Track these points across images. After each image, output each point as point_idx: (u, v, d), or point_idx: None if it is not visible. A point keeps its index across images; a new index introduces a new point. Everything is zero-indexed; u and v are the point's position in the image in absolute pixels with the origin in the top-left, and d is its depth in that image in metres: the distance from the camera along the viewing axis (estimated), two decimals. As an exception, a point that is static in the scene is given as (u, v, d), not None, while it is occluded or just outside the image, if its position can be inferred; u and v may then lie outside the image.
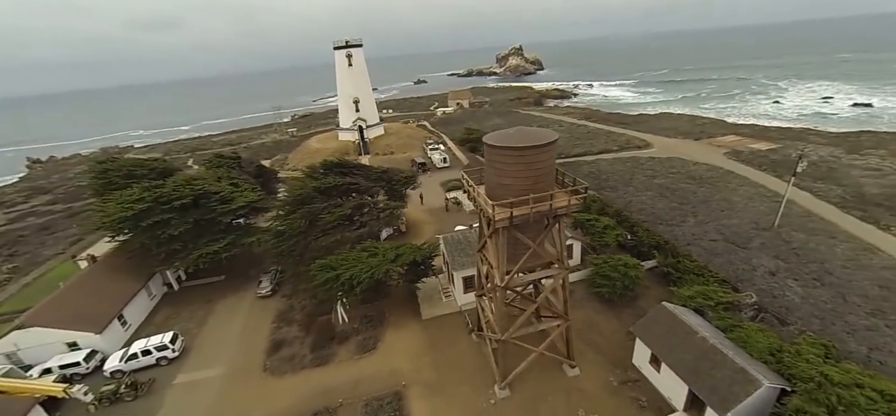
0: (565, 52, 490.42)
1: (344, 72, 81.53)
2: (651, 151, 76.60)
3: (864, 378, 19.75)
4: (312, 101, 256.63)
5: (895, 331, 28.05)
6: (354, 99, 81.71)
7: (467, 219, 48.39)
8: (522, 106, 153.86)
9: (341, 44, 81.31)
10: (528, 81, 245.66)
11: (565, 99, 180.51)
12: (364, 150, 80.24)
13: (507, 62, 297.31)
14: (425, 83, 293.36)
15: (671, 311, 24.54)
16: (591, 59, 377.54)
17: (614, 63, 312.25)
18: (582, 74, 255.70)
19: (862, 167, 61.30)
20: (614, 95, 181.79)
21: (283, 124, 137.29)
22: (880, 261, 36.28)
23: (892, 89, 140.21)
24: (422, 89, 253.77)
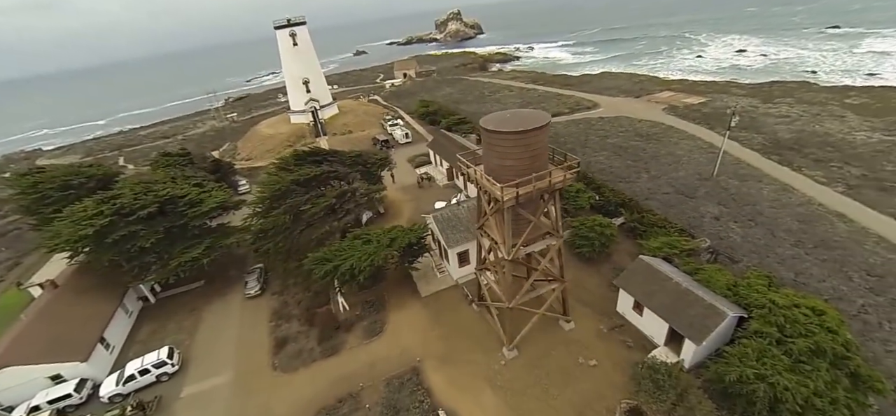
0: (502, 15, 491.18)
1: (289, 52, 76.97)
2: (599, 111, 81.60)
3: (798, 299, 24.52)
4: (245, 81, 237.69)
5: (812, 257, 34.29)
6: (304, 80, 77.87)
7: (442, 194, 49.71)
8: (468, 72, 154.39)
9: (282, 23, 76.18)
10: (469, 46, 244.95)
11: (508, 62, 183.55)
12: (321, 131, 77.53)
13: (447, 28, 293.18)
14: (365, 54, 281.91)
15: (648, 262, 28.17)
16: (527, 20, 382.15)
17: (550, 24, 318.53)
18: (521, 37, 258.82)
19: (776, 115, 70.30)
20: (555, 56, 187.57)
21: (220, 110, 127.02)
22: (796, 199, 43.20)
23: (793, 40, 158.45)
24: (363, 61, 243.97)
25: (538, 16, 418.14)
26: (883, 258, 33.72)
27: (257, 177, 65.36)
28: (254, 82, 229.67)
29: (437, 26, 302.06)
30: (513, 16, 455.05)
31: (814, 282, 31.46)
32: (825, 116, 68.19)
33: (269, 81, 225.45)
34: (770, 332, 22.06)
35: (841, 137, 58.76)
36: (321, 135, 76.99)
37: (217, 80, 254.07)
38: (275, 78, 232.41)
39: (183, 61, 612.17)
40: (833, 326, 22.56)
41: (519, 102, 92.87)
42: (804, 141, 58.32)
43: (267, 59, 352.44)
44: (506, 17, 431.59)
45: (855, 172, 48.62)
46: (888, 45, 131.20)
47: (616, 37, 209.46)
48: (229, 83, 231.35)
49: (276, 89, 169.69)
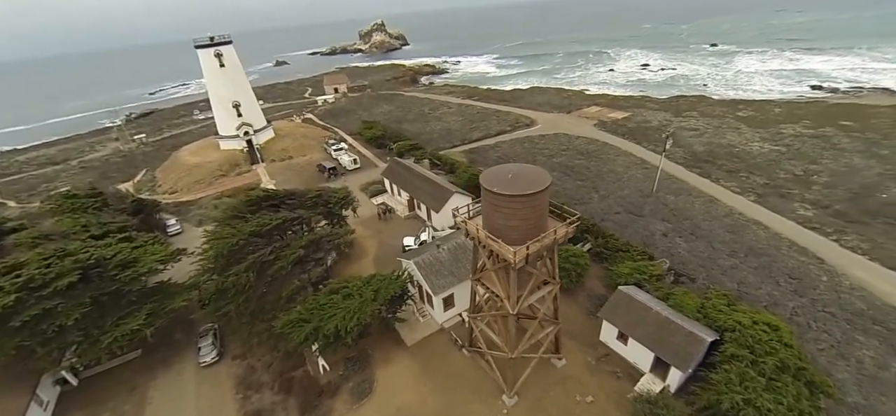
0: (425, 26, 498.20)
1: (215, 74, 69.65)
2: (538, 128, 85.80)
3: (755, 315, 27.76)
4: (149, 94, 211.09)
5: (746, 265, 39.14)
6: (234, 103, 70.98)
7: (406, 227, 48.36)
8: (402, 86, 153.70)
9: (204, 41, 68.72)
10: (395, 58, 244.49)
11: (437, 75, 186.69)
12: (257, 158, 71.29)
13: (372, 39, 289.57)
14: (287, 65, 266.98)
15: (627, 293, 29.90)
16: (451, 32, 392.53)
17: (473, 37, 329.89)
18: (446, 49, 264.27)
19: (688, 129, 79.69)
20: (482, 70, 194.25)
21: (123, 129, 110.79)
22: (722, 210, 49.18)
23: (683, 56, 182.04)
24: (285, 72, 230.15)
25: (461, 28, 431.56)
26: (797, 261, 39.64)
27: (189, 213, 58.16)
28: (160, 95, 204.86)
29: (362, 37, 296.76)
30: (436, 28, 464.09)
31: (752, 290, 35.87)
32: (725, 128, 78.86)
33: (179, 93, 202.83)
34: (744, 354, 24.54)
35: (742, 148, 68.32)
36: (258, 162, 70.80)
37: (111, 92, 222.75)
38: (186, 89, 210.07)
39: (63, 68, 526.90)
40: (788, 340, 25.88)
41: (460, 119, 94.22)
42: (715, 153, 66.77)
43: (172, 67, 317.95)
44: (429, 29, 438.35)
45: (759, 182, 56.80)
46: (754, 62, 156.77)
47: (537, 52, 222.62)
48: (128, 96, 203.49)
49: (190, 104, 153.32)
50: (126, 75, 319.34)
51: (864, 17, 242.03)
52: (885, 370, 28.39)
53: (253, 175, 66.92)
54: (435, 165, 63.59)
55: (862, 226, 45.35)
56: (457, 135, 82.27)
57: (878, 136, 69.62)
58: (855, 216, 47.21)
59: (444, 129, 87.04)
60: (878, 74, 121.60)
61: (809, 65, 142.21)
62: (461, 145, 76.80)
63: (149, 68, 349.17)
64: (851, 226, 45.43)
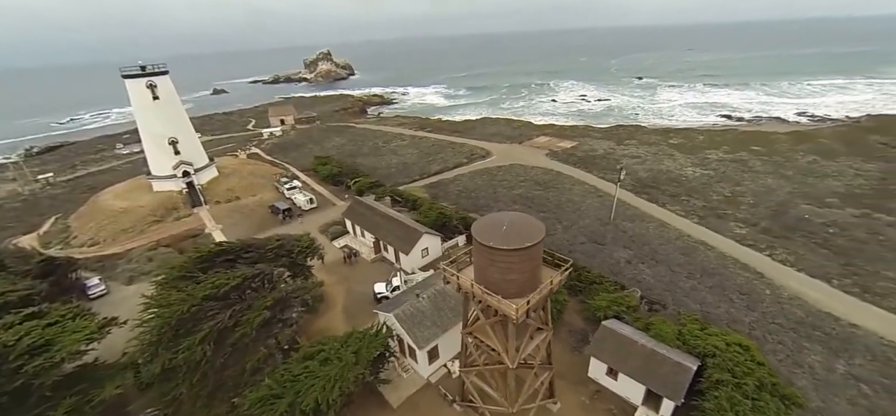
0: (371, 56, 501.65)
1: (147, 107, 63.21)
2: (494, 159, 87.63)
3: (725, 336, 29.27)
4: (58, 123, 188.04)
5: (703, 285, 41.78)
6: (171, 140, 64.71)
7: (375, 271, 46.05)
8: (351, 117, 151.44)
9: (134, 71, 62.52)
10: (342, 88, 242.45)
11: (386, 105, 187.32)
12: (200, 200, 65.01)
13: (318, 68, 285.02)
14: (226, 93, 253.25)
15: (611, 328, 30.30)
16: (397, 63, 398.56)
17: (420, 68, 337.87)
18: (394, 79, 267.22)
19: (630, 156, 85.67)
20: (431, 100, 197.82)
21: (22, 166, 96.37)
22: (673, 233, 52.67)
23: (615, 87, 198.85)
24: (225, 101, 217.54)
25: (406, 59, 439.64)
26: (743, 277, 43.12)
27: (116, 270, 50.85)
28: (72, 126, 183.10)
29: (307, 66, 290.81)
30: (382, 58, 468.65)
31: (713, 309, 38.20)
32: (662, 155, 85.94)
33: (96, 124, 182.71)
34: (727, 378, 25.55)
35: (678, 173, 74.57)
36: (200, 204, 64.54)
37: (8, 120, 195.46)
38: (105, 120, 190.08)
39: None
40: (759, 358, 27.48)
41: (416, 152, 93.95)
42: (658, 179, 72.12)
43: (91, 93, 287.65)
44: (376, 60, 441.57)
45: (698, 204, 61.96)
46: (674, 94, 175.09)
47: (483, 83, 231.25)
48: (28, 127, 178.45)
49: (111, 136, 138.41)
50: (33, 100, 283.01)
51: (756, 58, 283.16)
52: (832, 373, 31.10)
53: (194, 220, 60.67)
54: (396, 202, 62.09)
55: (786, 240, 50.71)
56: (415, 169, 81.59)
57: (782, 159, 79.59)
58: (779, 232, 52.75)
59: (401, 162, 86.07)
60: (770, 106, 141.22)
61: (717, 97, 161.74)
62: (420, 179, 76.12)
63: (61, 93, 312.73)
64: (778, 241, 50.63)
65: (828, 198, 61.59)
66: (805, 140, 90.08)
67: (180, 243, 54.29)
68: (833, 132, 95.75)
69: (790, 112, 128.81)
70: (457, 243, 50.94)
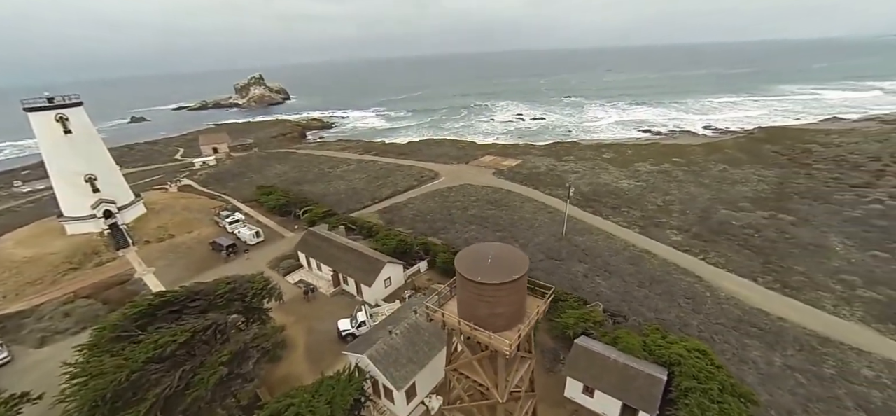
0: (306, 80, 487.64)
1: (58, 143, 54.98)
2: (443, 181, 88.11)
3: (685, 343, 31.39)
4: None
5: (654, 293, 44.77)
6: (88, 177, 56.73)
7: (335, 306, 43.43)
8: (291, 143, 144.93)
9: (40, 103, 54.39)
10: (278, 113, 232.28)
11: (326, 130, 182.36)
12: (126, 241, 57.35)
13: (250, 92, 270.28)
14: (147, 121, 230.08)
15: (584, 346, 31.14)
16: (333, 87, 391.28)
17: (357, 91, 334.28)
18: (332, 103, 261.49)
19: (571, 171, 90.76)
20: (372, 123, 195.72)
21: None
22: (620, 244, 56.17)
23: (546, 106, 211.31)
24: (145, 130, 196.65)
25: (343, 82, 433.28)
26: (686, 282, 46.94)
27: (22, 331, 42.99)
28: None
29: (238, 91, 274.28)
30: (318, 82, 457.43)
31: (665, 315, 40.97)
32: (598, 169, 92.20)
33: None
34: (694, 385, 27.23)
35: (615, 186, 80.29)
36: (127, 246, 56.90)
37: None
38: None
39: None
40: (717, 362, 29.73)
41: (364, 176, 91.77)
42: (599, 192, 77.00)
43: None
44: (311, 83, 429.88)
45: (637, 214, 66.95)
46: (600, 112, 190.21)
47: (422, 105, 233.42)
48: None
49: (4, 173, 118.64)
50: None
51: (664, 78, 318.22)
52: (772, 366, 34.55)
53: (120, 265, 53.23)
54: (350, 230, 59.70)
55: (714, 244, 56.36)
56: (365, 194, 79.40)
57: (699, 168, 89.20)
58: (708, 236, 58.53)
59: (350, 188, 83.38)
60: (682, 120, 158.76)
61: (636, 114, 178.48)
62: (372, 205, 74.15)
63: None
64: (708, 244, 56.09)
65: (740, 202, 69.79)
66: (715, 151, 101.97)
67: (104, 292, 47.26)
68: (735, 143, 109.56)
69: (698, 126, 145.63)
70: (418, 269, 49.92)
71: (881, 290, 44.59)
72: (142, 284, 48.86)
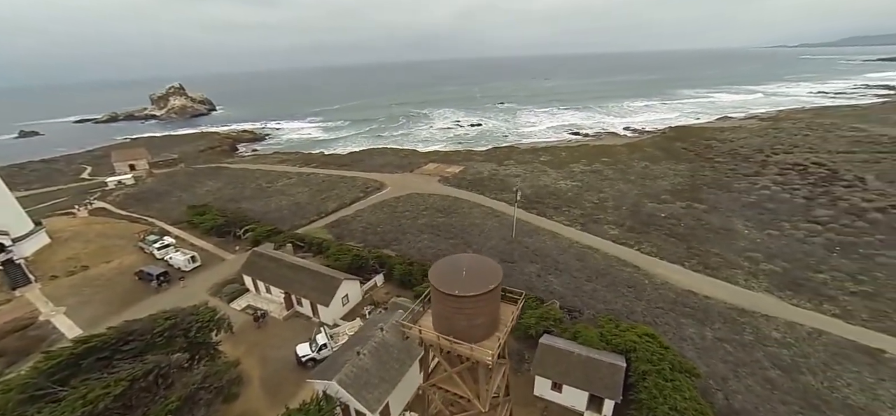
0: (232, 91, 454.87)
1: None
2: (390, 191, 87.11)
3: (636, 330, 34.21)
4: None
5: (600, 285, 48.10)
6: (-35, 209, 47.76)
7: (291, 330, 40.86)
8: (221, 157, 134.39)
9: None
10: (203, 125, 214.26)
11: (259, 142, 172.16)
12: (20, 280, 48.96)
13: (169, 103, 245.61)
14: (40, 136, 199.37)
15: (549, 344, 32.58)
16: (262, 97, 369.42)
17: (289, 100, 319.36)
18: (263, 113, 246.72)
19: (512, 175, 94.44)
20: (309, 134, 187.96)
21: None
22: (565, 243, 59.59)
23: (481, 113, 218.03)
24: (40, 146, 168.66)
25: (272, 93, 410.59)
26: (627, 273, 51.11)
27: None
28: None
29: (155, 101, 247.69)
30: (245, 92, 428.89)
31: (613, 305, 44.22)
32: (538, 172, 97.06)
33: None
34: (649, 368, 29.75)
35: (555, 187, 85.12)
36: (26, 283, 48.56)
37: None
38: None
39: None
40: (664, 343, 32.75)
41: (307, 190, 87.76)
42: (540, 194, 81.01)
43: None
44: (238, 94, 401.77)
45: (577, 213, 71.52)
46: (532, 117, 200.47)
47: (360, 116, 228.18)
48: None
49: None
50: None
51: (587, 84, 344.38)
52: (705, 340, 38.82)
53: (19, 307, 45.17)
54: (299, 247, 56.72)
55: (646, 235, 62.04)
56: (310, 208, 75.90)
57: (625, 167, 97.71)
58: (640, 229, 64.27)
59: (293, 203, 79.20)
60: (605, 123, 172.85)
61: (566, 118, 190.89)
62: (318, 219, 71.11)
63: None
64: (641, 236, 61.60)
65: (662, 195, 77.60)
66: (636, 150, 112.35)
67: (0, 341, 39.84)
68: (652, 142, 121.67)
69: (620, 127, 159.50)
70: (375, 283, 48.79)
71: (777, 263, 52.21)
72: (50, 328, 42.07)
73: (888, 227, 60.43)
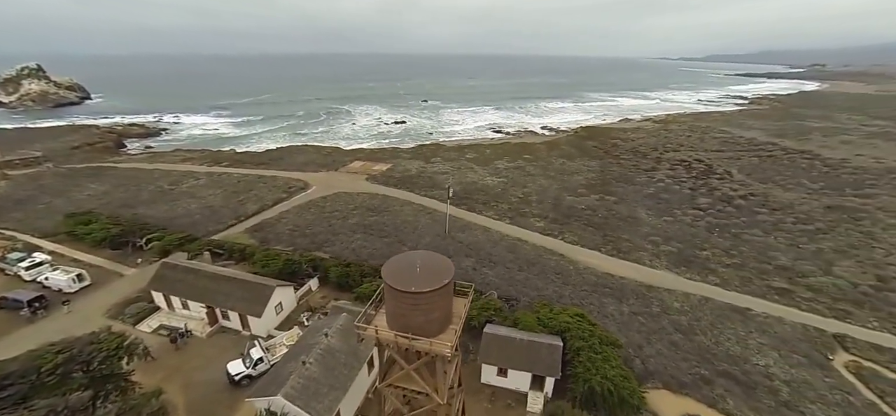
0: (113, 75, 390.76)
1: None
2: (315, 190, 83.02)
3: (567, 311, 37.41)
4: None
5: (532, 274, 51.40)
6: None
7: (217, 347, 36.95)
8: (104, 154, 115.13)
9: None
10: (74, 115, 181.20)
11: (154, 137, 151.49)
12: None
13: (21, 88, 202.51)
14: None
15: (492, 333, 34.06)
16: (154, 85, 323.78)
17: (191, 90, 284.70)
18: (156, 105, 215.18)
19: (440, 172, 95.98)
20: (217, 130, 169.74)
21: None
22: (496, 236, 62.43)
23: (405, 110, 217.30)
24: None
25: (170, 81, 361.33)
26: (554, 261, 55.34)
27: None
28: None
29: (2, 85, 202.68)
30: (130, 79, 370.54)
31: (544, 291, 47.58)
32: (465, 169, 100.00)
33: None
34: (582, 344, 32.72)
35: (482, 183, 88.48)
36: None
37: None
38: None
39: None
40: (592, 320, 36.28)
41: (220, 192, 79.71)
42: (469, 190, 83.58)
43: None
44: (123, 81, 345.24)
45: (505, 207, 75.27)
46: (455, 115, 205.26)
47: (277, 112, 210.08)
48: None
49: None
50: None
51: (510, 84, 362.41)
52: (623, 315, 43.75)
53: None
54: (218, 255, 51.43)
55: (568, 225, 67.66)
56: (226, 212, 69.01)
57: (545, 163, 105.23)
58: (562, 220, 69.85)
59: (205, 207, 71.29)
60: (525, 122, 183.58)
61: (487, 116, 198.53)
62: (238, 223, 65.07)
63: None
64: (563, 227, 67.01)
65: (578, 189, 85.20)
66: (554, 148, 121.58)
67: None
68: (567, 140, 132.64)
69: (538, 126, 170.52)
70: (310, 288, 46.28)
71: (673, 244, 60.67)
72: None
73: (749, 211, 73.70)
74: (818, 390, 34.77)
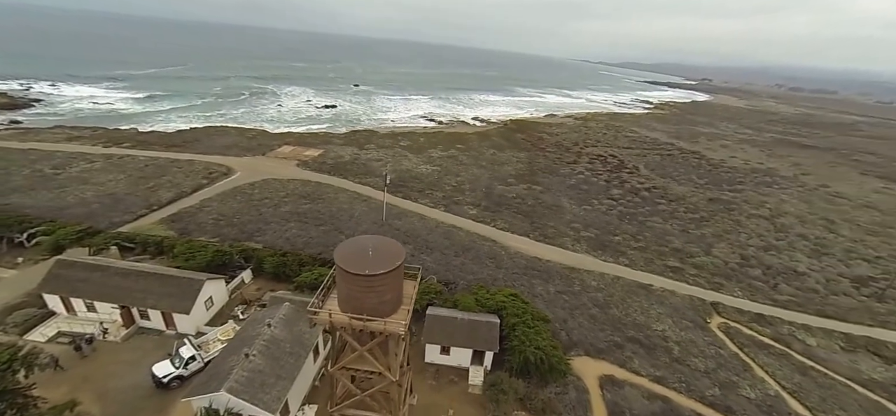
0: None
1: None
2: (240, 176, 77.69)
3: (503, 292, 40.56)
4: None
5: (468, 259, 54.06)
6: None
7: (131, 352, 33.63)
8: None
9: None
10: None
11: (22, 110, 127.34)
12: None
13: None
14: None
15: (434, 314, 35.87)
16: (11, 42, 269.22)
17: (70, 54, 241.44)
18: (21, 70, 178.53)
19: (374, 160, 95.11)
20: (112, 105, 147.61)
21: None
22: (432, 223, 64.24)
23: (335, 94, 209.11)
24: None
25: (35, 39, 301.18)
26: (488, 246, 58.72)
27: None
28: None
29: None
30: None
31: (480, 274, 50.39)
32: (399, 156, 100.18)
33: None
34: (517, 321, 35.88)
35: (416, 171, 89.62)
36: None
37: None
38: None
39: None
40: (525, 299, 39.80)
41: (124, 177, 70.69)
42: (403, 178, 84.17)
43: None
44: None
45: (439, 195, 77.36)
46: (387, 102, 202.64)
47: (188, 87, 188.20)
48: None
49: None
50: None
51: (436, 73, 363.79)
52: (549, 294, 48.21)
53: None
54: (128, 249, 46.19)
55: (499, 213, 71.79)
56: (134, 200, 61.61)
57: (476, 153, 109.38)
58: (493, 208, 73.84)
59: (106, 194, 62.86)
60: (457, 112, 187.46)
61: (420, 105, 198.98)
62: (150, 213, 58.64)
63: None
64: (495, 214, 70.97)
65: (508, 179, 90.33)
66: (485, 139, 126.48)
67: None
68: (497, 132, 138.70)
69: (469, 117, 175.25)
70: (242, 280, 43.92)
71: (592, 230, 67.70)
72: None
73: (651, 201, 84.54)
74: (700, 346, 42.24)
